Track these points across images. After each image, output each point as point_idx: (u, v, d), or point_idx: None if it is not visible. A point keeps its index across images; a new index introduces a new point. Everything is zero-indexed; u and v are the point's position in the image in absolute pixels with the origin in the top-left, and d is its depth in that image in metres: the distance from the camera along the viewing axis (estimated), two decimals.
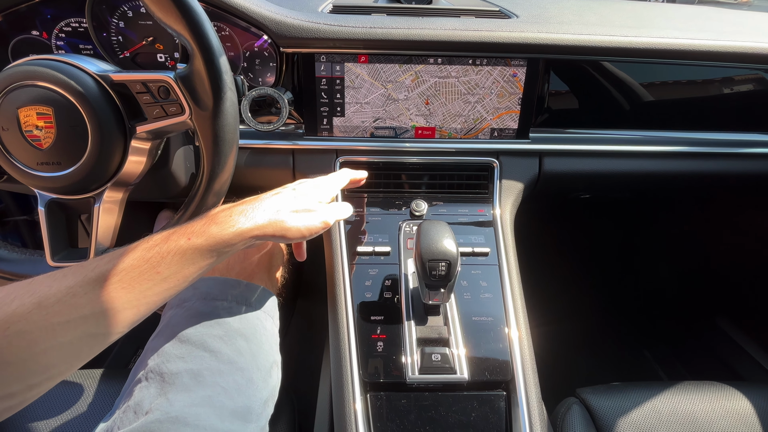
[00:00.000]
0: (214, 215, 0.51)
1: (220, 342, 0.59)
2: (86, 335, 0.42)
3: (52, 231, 0.58)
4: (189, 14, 0.49)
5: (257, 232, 0.51)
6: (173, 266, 0.46)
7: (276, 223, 0.53)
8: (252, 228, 0.51)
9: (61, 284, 0.41)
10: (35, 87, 0.52)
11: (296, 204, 0.56)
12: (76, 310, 0.41)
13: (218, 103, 0.53)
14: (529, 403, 0.61)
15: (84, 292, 0.42)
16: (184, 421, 0.51)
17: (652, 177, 0.87)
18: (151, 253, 0.46)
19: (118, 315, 0.43)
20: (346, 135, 0.80)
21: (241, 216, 0.51)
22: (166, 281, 0.46)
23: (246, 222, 0.51)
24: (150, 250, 0.46)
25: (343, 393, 0.61)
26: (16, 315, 0.38)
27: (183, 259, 0.47)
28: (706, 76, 0.83)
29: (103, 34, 0.74)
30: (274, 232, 0.53)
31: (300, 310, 1.34)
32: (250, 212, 0.52)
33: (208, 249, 0.48)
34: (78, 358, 0.43)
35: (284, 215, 0.54)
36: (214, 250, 0.49)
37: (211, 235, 0.49)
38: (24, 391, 0.39)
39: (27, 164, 0.55)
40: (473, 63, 0.75)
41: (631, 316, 1.50)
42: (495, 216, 0.78)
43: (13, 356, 0.38)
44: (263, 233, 0.52)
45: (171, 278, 0.47)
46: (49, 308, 0.40)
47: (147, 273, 0.45)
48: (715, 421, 0.70)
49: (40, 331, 0.39)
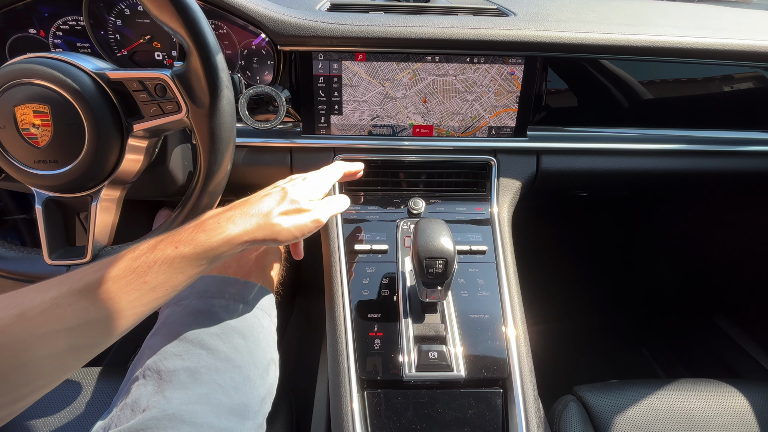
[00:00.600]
0: (202, 222, 0.50)
1: (218, 340, 0.60)
2: (72, 347, 0.41)
3: (50, 229, 0.58)
4: (185, 12, 0.49)
5: (246, 237, 0.50)
6: (161, 276, 0.46)
7: (266, 226, 0.52)
8: (241, 234, 0.50)
9: (45, 295, 0.40)
10: (32, 85, 0.52)
11: (286, 204, 0.55)
12: (61, 322, 0.40)
13: (215, 101, 0.53)
14: (525, 401, 0.61)
15: (68, 303, 0.41)
16: (181, 418, 0.51)
17: (650, 175, 0.87)
18: (138, 262, 0.45)
19: (104, 326, 0.43)
20: (344, 133, 0.80)
21: (229, 222, 0.50)
22: (154, 291, 0.45)
23: (234, 228, 0.50)
24: (136, 259, 0.45)
25: (340, 390, 0.61)
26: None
27: (171, 269, 0.46)
28: (705, 74, 0.82)
29: (100, 32, 0.74)
30: (265, 237, 0.52)
31: (298, 308, 1.34)
32: (239, 218, 0.51)
33: (196, 257, 0.48)
34: (64, 370, 0.42)
35: (274, 218, 0.53)
36: (203, 258, 0.48)
37: (199, 243, 0.48)
38: (9, 404, 0.39)
39: (24, 162, 0.55)
40: (471, 61, 0.75)
41: (629, 314, 1.50)
42: (492, 214, 0.78)
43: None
44: (253, 238, 0.51)
45: (159, 288, 0.46)
46: (32, 320, 0.39)
47: (134, 283, 0.44)
48: (712, 418, 0.70)
49: (23, 343, 0.38)
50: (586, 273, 1.54)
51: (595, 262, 1.58)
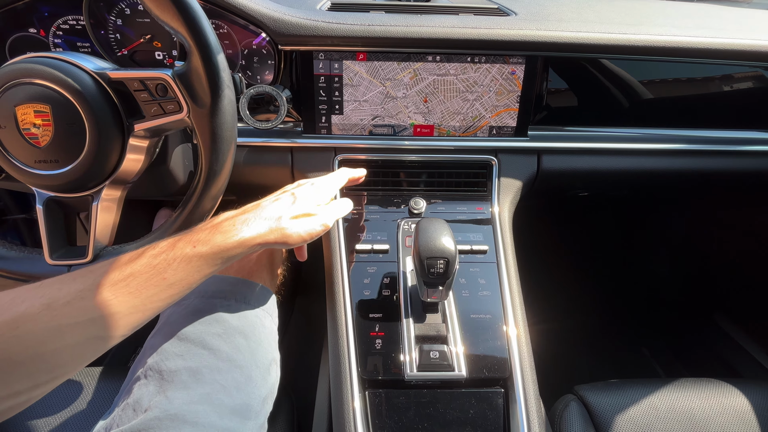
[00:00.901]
0: (218, 224, 0.53)
1: (219, 340, 0.60)
2: (92, 337, 0.43)
3: (51, 229, 0.58)
4: (186, 11, 0.49)
5: (259, 240, 0.53)
6: (179, 273, 0.48)
7: (277, 230, 0.54)
8: (254, 237, 0.52)
9: (70, 287, 0.43)
10: (32, 85, 0.52)
11: (295, 209, 0.57)
12: (85, 313, 0.42)
13: (216, 101, 0.53)
14: (527, 400, 0.61)
15: (92, 295, 0.43)
16: (183, 418, 0.51)
17: (650, 174, 0.87)
18: (158, 260, 0.47)
19: (123, 319, 0.45)
20: (345, 133, 0.80)
21: (243, 225, 0.53)
22: (172, 287, 0.48)
23: (248, 231, 0.52)
24: (157, 257, 0.48)
25: (341, 390, 0.61)
26: (25, 316, 0.39)
27: (188, 267, 0.49)
28: (705, 73, 0.82)
29: (100, 31, 0.74)
30: (276, 240, 0.54)
31: (299, 308, 1.34)
32: (252, 221, 0.53)
33: (212, 257, 0.50)
34: (82, 359, 0.44)
35: (285, 222, 0.55)
36: (218, 257, 0.50)
37: (216, 243, 0.50)
38: (29, 390, 0.40)
39: (25, 162, 0.54)
40: (472, 61, 0.75)
41: (630, 313, 1.50)
42: (493, 214, 0.78)
43: (22, 355, 0.39)
44: (265, 241, 0.53)
45: (176, 285, 0.48)
46: (58, 310, 0.41)
47: (153, 279, 0.46)
48: (712, 418, 0.70)
49: (49, 332, 0.40)
50: (587, 272, 1.54)
51: (595, 261, 1.58)
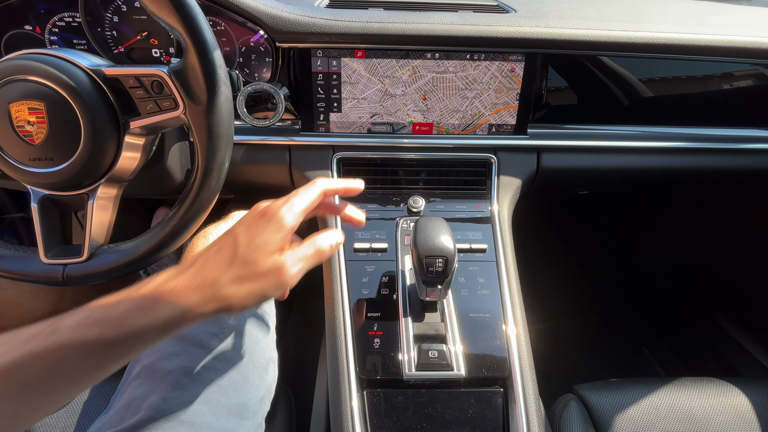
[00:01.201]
0: (141, 294, 0.41)
1: (216, 339, 0.59)
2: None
3: (46, 227, 0.58)
4: (182, 8, 0.48)
5: (194, 314, 0.41)
6: (62, 374, 0.37)
7: (213, 300, 0.42)
8: (184, 313, 0.41)
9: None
10: (27, 81, 0.51)
11: (237, 268, 0.43)
12: None
13: (212, 98, 0.52)
14: (526, 400, 0.60)
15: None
16: (179, 418, 0.51)
17: (650, 172, 0.87)
18: (46, 342, 0.37)
19: None
20: (343, 131, 0.79)
21: (168, 299, 0.41)
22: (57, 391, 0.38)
23: (177, 305, 0.41)
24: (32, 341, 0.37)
25: (339, 390, 0.61)
26: None
27: (81, 363, 0.38)
28: (706, 71, 0.82)
29: (97, 28, 0.73)
30: (215, 310, 0.43)
31: (297, 307, 1.34)
32: (181, 292, 0.41)
33: (122, 345, 0.39)
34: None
35: (223, 289, 0.42)
36: (131, 346, 0.39)
37: (130, 325, 0.39)
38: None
39: (19, 160, 0.54)
40: (471, 58, 0.74)
41: (630, 312, 1.50)
42: (493, 212, 0.78)
43: None
44: (200, 314, 0.42)
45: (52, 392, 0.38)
46: None
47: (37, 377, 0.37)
48: (712, 417, 0.70)
49: None
50: (587, 271, 1.54)
51: (595, 260, 1.58)
